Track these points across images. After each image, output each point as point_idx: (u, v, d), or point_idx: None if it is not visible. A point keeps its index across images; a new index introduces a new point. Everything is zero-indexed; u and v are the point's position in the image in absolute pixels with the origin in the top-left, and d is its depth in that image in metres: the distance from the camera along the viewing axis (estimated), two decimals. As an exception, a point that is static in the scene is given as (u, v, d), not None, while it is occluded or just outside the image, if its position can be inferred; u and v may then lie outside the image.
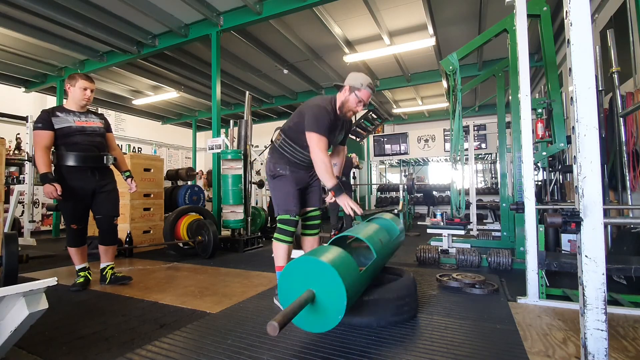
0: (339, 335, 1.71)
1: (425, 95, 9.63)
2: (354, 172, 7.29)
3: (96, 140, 2.68)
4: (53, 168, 2.58)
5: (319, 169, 2.02)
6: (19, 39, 5.55)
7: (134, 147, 10.57)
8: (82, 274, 2.73)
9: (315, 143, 2.00)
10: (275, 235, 2.20)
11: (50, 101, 8.17)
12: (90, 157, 2.63)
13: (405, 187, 6.47)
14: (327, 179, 1.99)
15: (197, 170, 8.83)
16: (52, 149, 2.59)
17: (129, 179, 2.90)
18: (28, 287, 1.17)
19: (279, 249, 2.19)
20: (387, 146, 10.15)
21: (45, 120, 2.52)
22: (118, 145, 2.98)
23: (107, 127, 2.83)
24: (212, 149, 4.97)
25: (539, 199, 3.72)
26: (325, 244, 1.87)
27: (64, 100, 7.96)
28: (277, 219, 2.22)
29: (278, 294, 1.60)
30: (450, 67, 3.35)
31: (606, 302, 1.14)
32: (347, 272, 1.52)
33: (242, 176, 4.41)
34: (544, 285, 2.22)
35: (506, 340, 1.64)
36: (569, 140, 2.75)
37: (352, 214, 2.03)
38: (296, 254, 2.88)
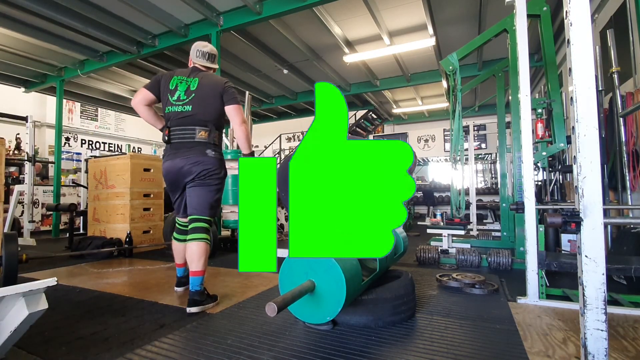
0: (338, 335, 1.71)
1: (425, 95, 9.63)
2: None
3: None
4: None
5: None
6: (19, 39, 5.54)
7: (134, 147, 10.56)
8: None
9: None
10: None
11: (50, 101, 8.15)
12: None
13: (405, 187, 6.44)
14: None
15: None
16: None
17: None
18: (28, 287, 1.17)
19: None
20: (387, 146, 10.14)
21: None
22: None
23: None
24: (212, 149, 4.96)
25: (539, 199, 3.71)
26: None
27: (64, 101, 7.93)
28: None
29: (279, 282, 1.62)
30: (450, 67, 3.36)
31: (606, 302, 1.14)
32: (348, 267, 1.54)
33: (242, 176, 4.40)
34: (544, 285, 2.22)
35: (506, 340, 1.64)
36: (569, 140, 2.75)
37: None
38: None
